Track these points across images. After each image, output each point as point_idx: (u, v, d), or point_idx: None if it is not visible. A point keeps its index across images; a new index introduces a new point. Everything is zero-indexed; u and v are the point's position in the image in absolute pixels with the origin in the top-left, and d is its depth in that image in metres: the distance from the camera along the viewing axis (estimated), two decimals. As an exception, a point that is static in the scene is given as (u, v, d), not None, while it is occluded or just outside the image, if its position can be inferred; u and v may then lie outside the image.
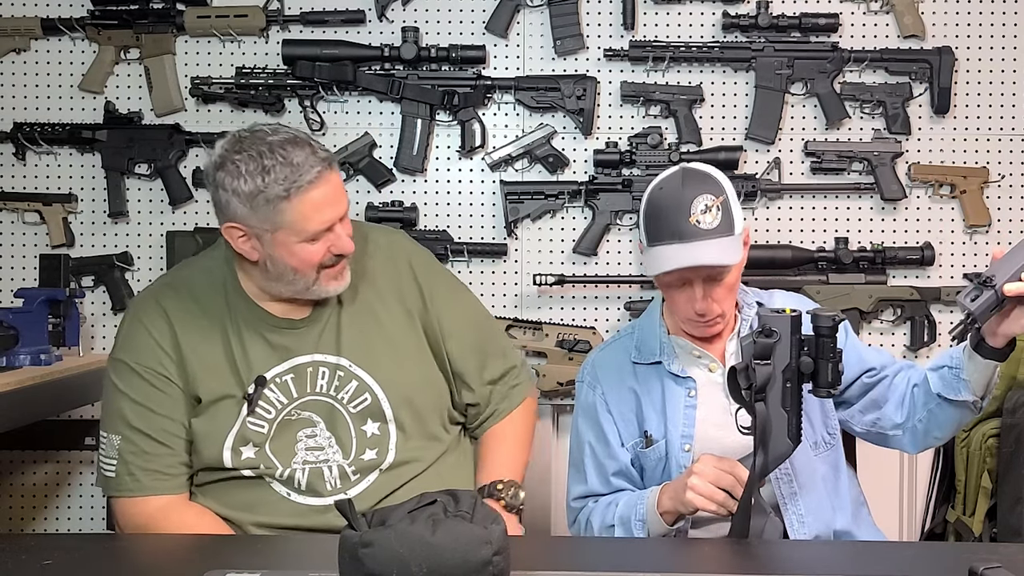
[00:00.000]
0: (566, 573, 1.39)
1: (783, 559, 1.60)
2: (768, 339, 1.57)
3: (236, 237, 1.70)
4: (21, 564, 1.42)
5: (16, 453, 2.83)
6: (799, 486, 1.82)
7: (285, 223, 1.66)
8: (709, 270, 1.77)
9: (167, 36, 2.78)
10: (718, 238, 1.76)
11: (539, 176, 2.81)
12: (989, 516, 2.45)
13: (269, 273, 1.73)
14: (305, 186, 1.65)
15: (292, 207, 1.65)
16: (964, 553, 1.56)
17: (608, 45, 2.78)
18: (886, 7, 2.79)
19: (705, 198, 1.77)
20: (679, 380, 1.87)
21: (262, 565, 1.38)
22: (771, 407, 1.59)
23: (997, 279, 1.52)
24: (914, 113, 2.79)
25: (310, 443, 1.77)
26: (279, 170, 1.64)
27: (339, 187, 1.72)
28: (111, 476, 1.75)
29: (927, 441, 1.83)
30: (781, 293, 2.01)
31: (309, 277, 1.73)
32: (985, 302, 1.52)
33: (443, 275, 1.97)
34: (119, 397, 1.76)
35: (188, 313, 1.78)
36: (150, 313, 1.79)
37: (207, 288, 1.80)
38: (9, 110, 2.82)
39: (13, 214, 2.82)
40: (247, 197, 1.65)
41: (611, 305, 2.80)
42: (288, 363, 1.78)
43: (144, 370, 1.75)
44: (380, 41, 2.78)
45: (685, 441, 1.84)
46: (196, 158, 2.82)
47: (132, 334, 1.79)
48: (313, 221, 1.68)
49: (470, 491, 1.30)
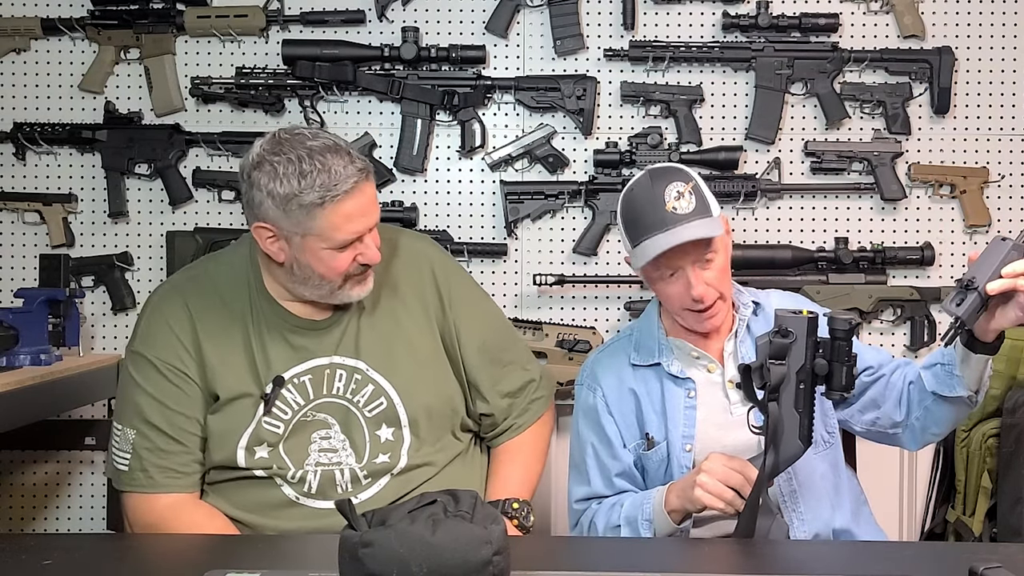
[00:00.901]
0: (566, 573, 1.39)
1: (783, 559, 1.60)
2: (784, 339, 1.58)
3: (265, 238, 1.70)
4: (21, 564, 1.42)
5: (16, 453, 2.83)
6: (799, 484, 1.83)
7: (316, 230, 1.66)
8: (696, 251, 1.78)
9: (167, 36, 2.78)
10: (697, 219, 1.78)
11: (539, 176, 2.81)
12: (989, 516, 2.45)
13: (295, 276, 1.73)
14: (341, 196, 1.64)
15: (325, 215, 1.65)
16: (964, 553, 1.56)
17: (608, 45, 2.78)
18: (886, 7, 2.79)
19: (676, 185, 1.80)
20: (678, 381, 1.87)
21: (262, 565, 1.38)
22: (784, 407, 1.60)
23: (978, 280, 1.53)
24: (914, 113, 2.79)
25: (324, 445, 1.76)
26: (316, 177, 1.63)
27: (372, 198, 1.71)
28: (123, 470, 1.75)
29: (925, 438, 1.83)
30: (778, 293, 2.01)
31: (334, 283, 1.73)
32: (971, 305, 1.53)
33: (466, 284, 1.96)
34: (136, 391, 1.76)
35: (210, 309, 1.78)
36: (171, 307, 1.78)
37: (231, 284, 1.80)
38: (9, 110, 2.82)
39: (13, 214, 2.82)
40: (281, 200, 1.64)
41: (611, 305, 2.80)
42: (307, 364, 1.77)
43: (163, 365, 1.75)
44: (380, 41, 2.78)
45: (686, 441, 1.84)
46: (196, 158, 2.82)
47: (152, 327, 1.79)
48: (343, 231, 1.67)
49: (470, 491, 1.29)
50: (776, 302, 1.93)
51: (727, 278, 1.86)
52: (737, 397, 1.85)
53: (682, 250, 1.77)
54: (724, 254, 1.83)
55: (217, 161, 2.81)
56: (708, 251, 1.80)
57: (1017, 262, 1.54)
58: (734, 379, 1.86)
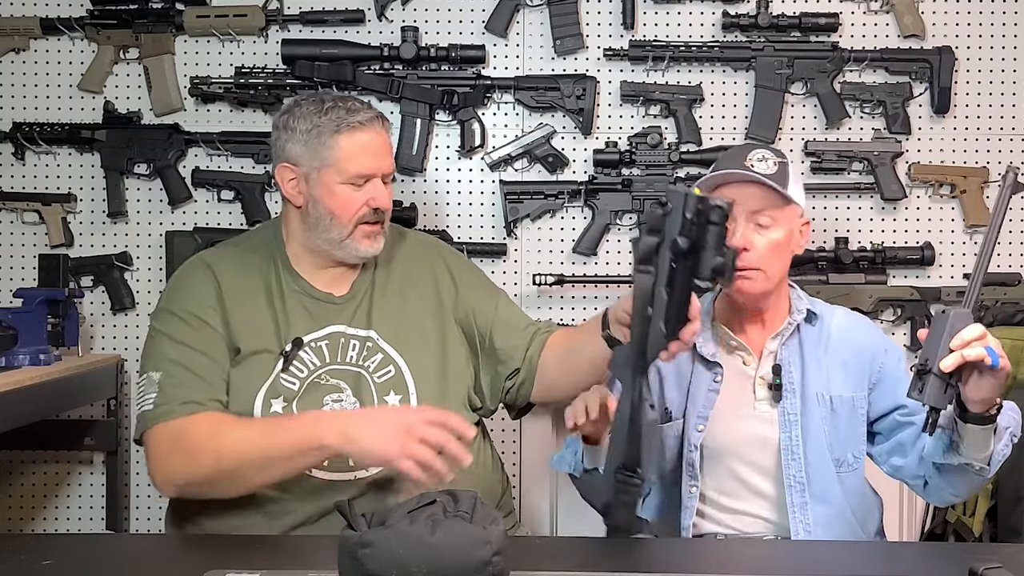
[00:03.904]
0: (566, 573, 1.39)
1: (784, 559, 1.60)
2: (659, 211, 1.45)
3: (287, 180, 1.86)
4: (21, 564, 1.42)
5: (16, 453, 2.83)
6: (810, 496, 1.82)
7: (331, 160, 1.82)
8: (753, 203, 1.80)
9: (166, 36, 2.78)
10: (768, 179, 1.80)
11: (539, 176, 2.80)
12: (989, 516, 2.45)
13: (309, 220, 1.85)
14: (356, 125, 1.82)
15: (340, 144, 1.81)
16: (964, 553, 1.56)
17: (608, 45, 2.77)
18: (886, 7, 2.79)
19: (764, 152, 1.85)
20: (708, 364, 1.89)
21: (262, 565, 1.38)
22: (656, 285, 1.46)
23: (931, 361, 1.50)
24: (914, 113, 2.79)
25: (336, 407, 1.80)
26: (334, 111, 1.83)
27: (387, 144, 1.88)
28: (149, 409, 1.75)
29: (945, 498, 1.82)
30: (844, 311, 1.99)
31: (345, 227, 1.84)
32: (933, 389, 1.50)
33: (475, 270, 2.10)
34: (161, 339, 1.81)
35: (236, 274, 1.87)
36: (197, 271, 1.88)
37: (258, 256, 1.90)
38: (8, 110, 2.81)
39: (12, 214, 2.81)
40: (303, 133, 1.83)
41: (611, 305, 2.80)
42: (324, 330, 1.85)
43: (188, 316, 1.81)
44: (380, 41, 2.78)
45: (700, 422, 1.86)
46: (195, 158, 2.81)
47: (179, 289, 1.87)
48: (356, 162, 1.82)
49: (470, 491, 1.30)
50: (840, 318, 1.94)
51: (777, 260, 1.84)
52: (764, 394, 1.86)
53: (737, 196, 1.76)
54: (784, 236, 1.83)
55: (216, 161, 2.81)
56: (765, 213, 1.80)
57: (962, 330, 1.50)
58: (767, 376, 1.86)
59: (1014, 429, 1.65)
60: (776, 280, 1.86)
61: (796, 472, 1.82)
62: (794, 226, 1.86)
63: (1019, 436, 1.67)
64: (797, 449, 1.83)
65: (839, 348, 1.90)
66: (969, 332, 1.49)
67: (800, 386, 1.86)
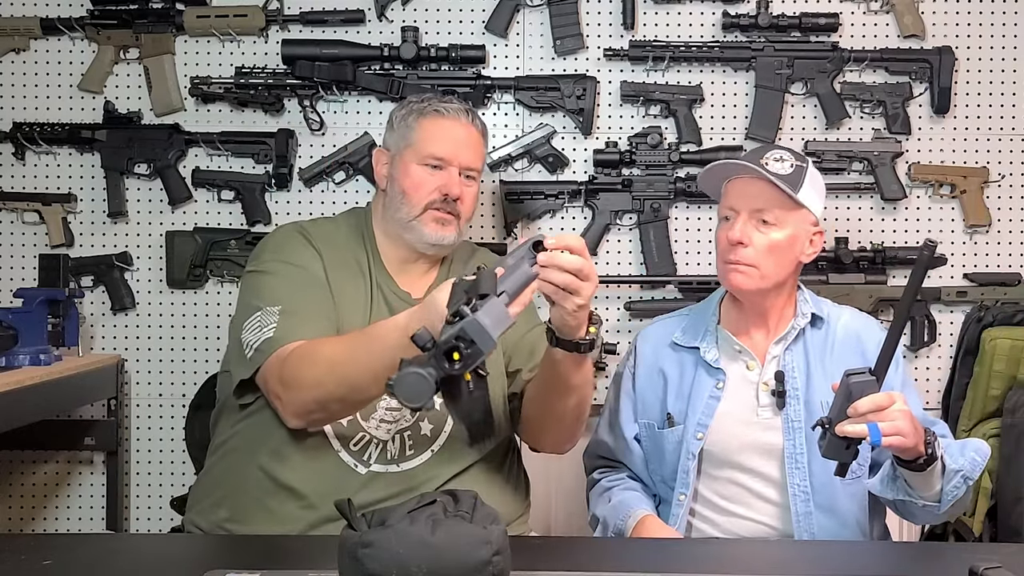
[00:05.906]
0: (566, 573, 1.39)
1: (784, 558, 1.60)
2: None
3: (380, 163, 1.97)
4: (21, 564, 1.42)
5: (16, 453, 2.83)
6: (815, 505, 1.82)
7: (412, 140, 1.91)
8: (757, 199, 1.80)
9: (166, 36, 2.78)
10: (777, 178, 1.79)
11: (539, 176, 2.80)
12: (989, 516, 2.45)
13: (387, 200, 1.92)
14: (442, 111, 1.92)
15: (422, 125, 1.91)
16: (964, 553, 1.56)
17: (608, 45, 2.77)
18: (886, 7, 2.79)
19: (785, 152, 1.84)
20: (711, 370, 1.88)
21: (262, 565, 1.38)
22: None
23: (834, 421, 1.56)
24: (914, 113, 2.79)
25: (392, 403, 1.80)
26: (429, 101, 1.95)
27: (471, 138, 1.94)
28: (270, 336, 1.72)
29: (918, 523, 1.83)
30: (851, 311, 1.99)
31: (415, 207, 1.88)
32: (832, 445, 1.57)
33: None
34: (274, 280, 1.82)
35: (333, 249, 1.90)
36: (298, 235, 1.90)
37: (347, 236, 1.95)
38: (8, 110, 2.81)
39: (12, 214, 2.81)
40: (398, 119, 1.96)
41: (611, 305, 2.80)
42: None
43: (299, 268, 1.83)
44: (380, 41, 2.78)
45: (699, 429, 1.85)
46: (195, 158, 2.81)
47: (282, 245, 1.89)
48: (432, 143, 1.89)
49: (470, 491, 1.30)
50: (846, 320, 1.93)
51: (776, 260, 1.84)
52: (768, 400, 1.85)
53: (743, 190, 1.76)
54: (786, 239, 1.83)
55: (217, 161, 2.81)
56: (768, 211, 1.80)
57: (858, 401, 1.52)
58: (770, 383, 1.86)
59: (967, 472, 1.65)
60: (773, 280, 1.85)
61: (801, 481, 1.81)
62: (802, 232, 1.84)
63: (975, 478, 1.67)
64: (801, 458, 1.82)
65: (843, 353, 1.89)
66: (863, 404, 1.52)
67: (804, 393, 1.85)
